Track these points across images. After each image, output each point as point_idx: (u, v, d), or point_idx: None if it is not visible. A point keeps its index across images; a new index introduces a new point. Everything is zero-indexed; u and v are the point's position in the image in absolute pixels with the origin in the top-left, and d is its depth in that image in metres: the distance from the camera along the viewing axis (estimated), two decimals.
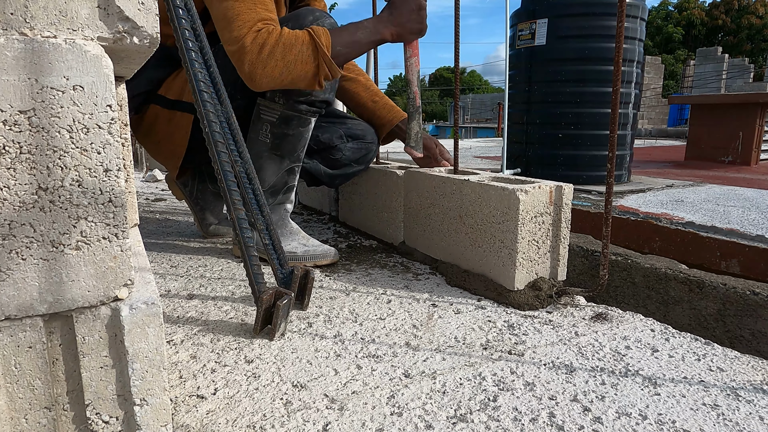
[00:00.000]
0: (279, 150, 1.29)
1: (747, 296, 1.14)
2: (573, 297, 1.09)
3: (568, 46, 2.77)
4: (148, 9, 0.51)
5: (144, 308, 0.52)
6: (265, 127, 1.26)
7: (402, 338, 0.91)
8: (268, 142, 1.27)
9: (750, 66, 17.06)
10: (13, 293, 0.48)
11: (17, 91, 0.45)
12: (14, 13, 0.46)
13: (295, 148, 1.31)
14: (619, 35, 0.90)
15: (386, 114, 1.57)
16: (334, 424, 0.66)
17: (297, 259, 1.30)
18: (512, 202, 1.05)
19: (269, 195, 1.33)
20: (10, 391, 0.49)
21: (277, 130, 1.26)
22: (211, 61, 0.91)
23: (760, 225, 1.84)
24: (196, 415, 0.68)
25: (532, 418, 0.67)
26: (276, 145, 1.28)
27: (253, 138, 1.29)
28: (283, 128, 1.26)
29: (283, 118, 1.25)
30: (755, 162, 4.22)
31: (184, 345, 0.87)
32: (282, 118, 1.25)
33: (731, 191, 2.72)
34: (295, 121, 1.26)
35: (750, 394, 0.73)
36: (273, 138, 1.27)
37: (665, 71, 19.10)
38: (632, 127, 2.98)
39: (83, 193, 0.49)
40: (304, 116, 1.26)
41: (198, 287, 1.16)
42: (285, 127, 1.26)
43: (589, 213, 2.19)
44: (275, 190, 1.33)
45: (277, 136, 1.27)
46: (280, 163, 1.30)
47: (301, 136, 1.30)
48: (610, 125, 0.93)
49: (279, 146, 1.28)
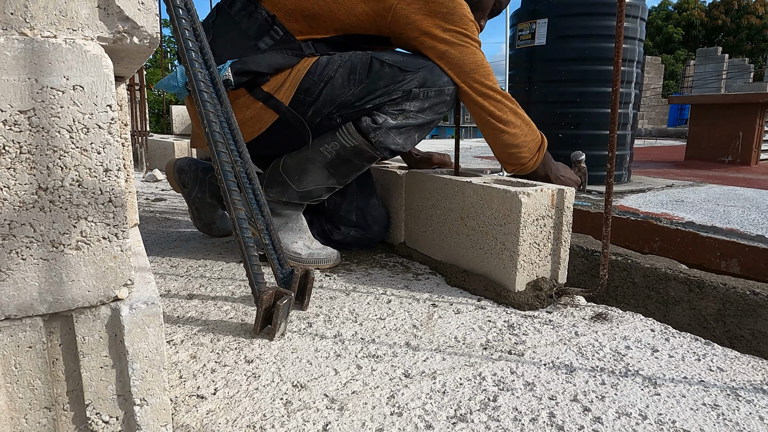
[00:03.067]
0: (333, 168, 1.26)
1: (747, 296, 1.14)
2: (573, 297, 1.09)
3: (569, 46, 2.77)
4: (148, 9, 0.51)
5: (144, 308, 0.52)
6: (334, 145, 1.23)
7: (402, 338, 0.91)
8: (328, 157, 1.24)
9: (750, 66, 17.05)
10: (13, 293, 0.48)
11: (17, 91, 0.45)
12: (14, 13, 0.46)
13: (349, 175, 1.29)
14: (619, 35, 0.90)
15: None
16: (334, 424, 0.66)
17: (300, 261, 1.29)
18: (514, 205, 1.05)
19: (297, 196, 1.29)
20: (10, 391, 0.49)
21: (345, 154, 1.23)
22: (211, 61, 0.91)
23: (760, 225, 1.84)
24: (196, 415, 0.68)
25: (532, 418, 0.67)
26: (335, 164, 1.25)
27: (316, 144, 1.24)
28: (351, 156, 1.24)
29: (358, 149, 1.22)
30: (755, 162, 4.22)
31: (184, 345, 0.87)
32: (356, 148, 1.22)
33: (731, 191, 2.72)
34: (367, 156, 1.24)
35: (750, 394, 0.73)
36: (335, 157, 1.24)
37: (665, 71, 19.10)
38: (632, 127, 2.98)
39: (83, 193, 0.49)
40: (376, 155, 1.24)
41: (198, 287, 1.16)
42: (354, 156, 1.24)
43: (589, 213, 2.19)
44: (306, 195, 1.30)
45: (340, 158, 1.24)
46: (327, 178, 1.27)
47: (360, 169, 1.28)
48: (610, 125, 0.93)
49: (336, 166, 1.25)
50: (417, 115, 1.21)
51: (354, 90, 1.18)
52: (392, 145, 1.22)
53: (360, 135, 1.20)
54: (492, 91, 1.22)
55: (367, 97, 1.18)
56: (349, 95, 1.19)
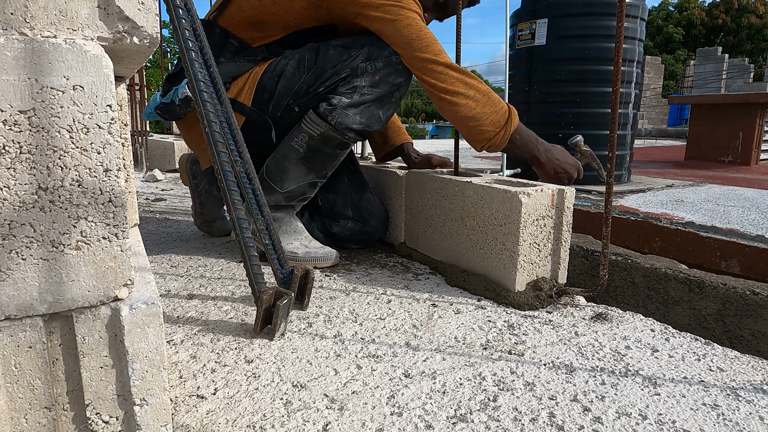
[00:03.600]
0: (309, 162, 1.27)
1: (747, 296, 1.14)
2: (573, 297, 1.09)
3: (568, 46, 2.77)
4: (148, 9, 0.51)
5: (144, 308, 0.52)
6: (303, 137, 1.24)
7: (402, 338, 0.91)
8: (300, 151, 1.25)
9: (750, 66, 17.05)
10: (13, 293, 0.48)
11: (17, 91, 0.45)
12: (14, 13, 0.46)
13: (325, 166, 1.29)
14: (619, 35, 0.90)
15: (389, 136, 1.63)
16: (334, 424, 0.66)
17: (297, 260, 1.29)
18: (514, 205, 1.05)
19: (282, 198, 1.31)
20: (10, 391, 0.49)
21: (314, 145, 1.24)
22: (211, 61, 0.91)
23: (760, 225, 1.84)
24: (196, 415, 0.68)
25: (532, 418, 0.67)
26: (308, 157, 1.26)
27: (287, 141, 1.26)
28: (320, 144, 1.25)
29: (325, 136, 1.23)
30: (755, 162, 4.22)
31: (184, 345, 0.87)
32: (323, 135, 1.23)
33: (731, 191, 2.72)
34: (336, 143, 1.25)
35: (750, 394, 0.73)
36: (307, 150, 1.25)
37: (665, 71, 19.10)
38: (632, 127, 2.98)
39: (83, 193, 0.49)
40: (345, 140, 1.25)
41: (198, 287, 1.16)
42: (323, 145, 1.25)
43: (589, 213, 2.19)
44: (292, 196, 1.31)
45: (312, 150, 1.25)
46: (306, 174, 1.29)
47: (336, 158, 1.29)
48: (610, 125, 0.93)
49: (310, 159, 1.26)
50: (371, 89, 1.21)
51: (305, 77, 1.21)
52: (353, 124, 1.22)
53: (321, 120, 1.22)
54: (432, 63, 1.16)
55: (318, 81, 1.21)
56: (301, 83, 1.21)
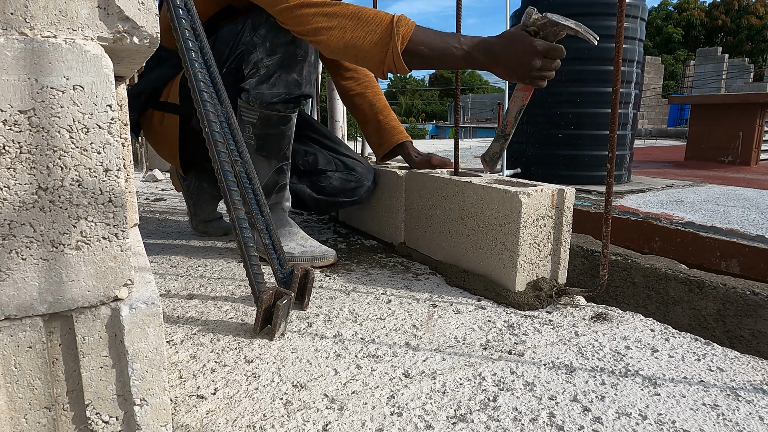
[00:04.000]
0: (264, 150, 1.28)
1: (747, 296, 1.14)
2: (573, 297, 1.09)
3: (568, 46, 2.76)
4: (148, 9, 0.51)
5: (144, 308, 0.52)
6: (248, 128, 1.25)
7: (402, 338, 0.91)
8: (252, 143, 1.26)
9: (750, 66, 17.05)
10: (13, 293, 0.48)
11: (17, 91, 0.45)
12: (14, 12, 0.46)
13: (280, 146, 1.29)
14: (618, 35, 0.90)
15: (387, 135, 1.59)
16: (334, 424, 0.66)
17: (294, 260, 1.29)
18: (514, 205, 1.05)
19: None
20: (10, 391, 0.49)
21: (259, 131, 1.25)
22: (211, 61, 0.91)
23: (760, 225, 1.84)
24: (196, 415, 0.68)
25: (532, 418, 0.67)
26: (260, 146, 1.27)
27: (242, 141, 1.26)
28: (264, 129, 1.25)
29: (263, 118, 1.23)
30: (755, 162, 4.22)
31: (184, 345, 0.87)
32: (261, 118, 1.23)
33: (731, 191, 2.72)
34: (275, 120, 1.24)
35: (750, 394, 0.73)
36: (257, 139, 1.26)
37: (665, 71, 19.10)
38: (632, 127, 2.98)
39: (83, 193, 0.49)
40: (282, 114, 1.24)
41: (198, 287, 1.16)
42: (266, 128, 1.25)
43: (589, 213, 2.19)
44: (267, 190, 1.33)
45: (260, 137, 1.26)
46: (268, 163, 1.29)
47: (284, 135, 1.28)
48: (610, 125, 0.93)
49: (263, 147, 1.27)
50: (270, 58, 1.18)
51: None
52: (274, 98, 1.20)
53: (249, 105, 1.22)
54: (287, 11, 1.06)
55: (221, 64, 1.21)
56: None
